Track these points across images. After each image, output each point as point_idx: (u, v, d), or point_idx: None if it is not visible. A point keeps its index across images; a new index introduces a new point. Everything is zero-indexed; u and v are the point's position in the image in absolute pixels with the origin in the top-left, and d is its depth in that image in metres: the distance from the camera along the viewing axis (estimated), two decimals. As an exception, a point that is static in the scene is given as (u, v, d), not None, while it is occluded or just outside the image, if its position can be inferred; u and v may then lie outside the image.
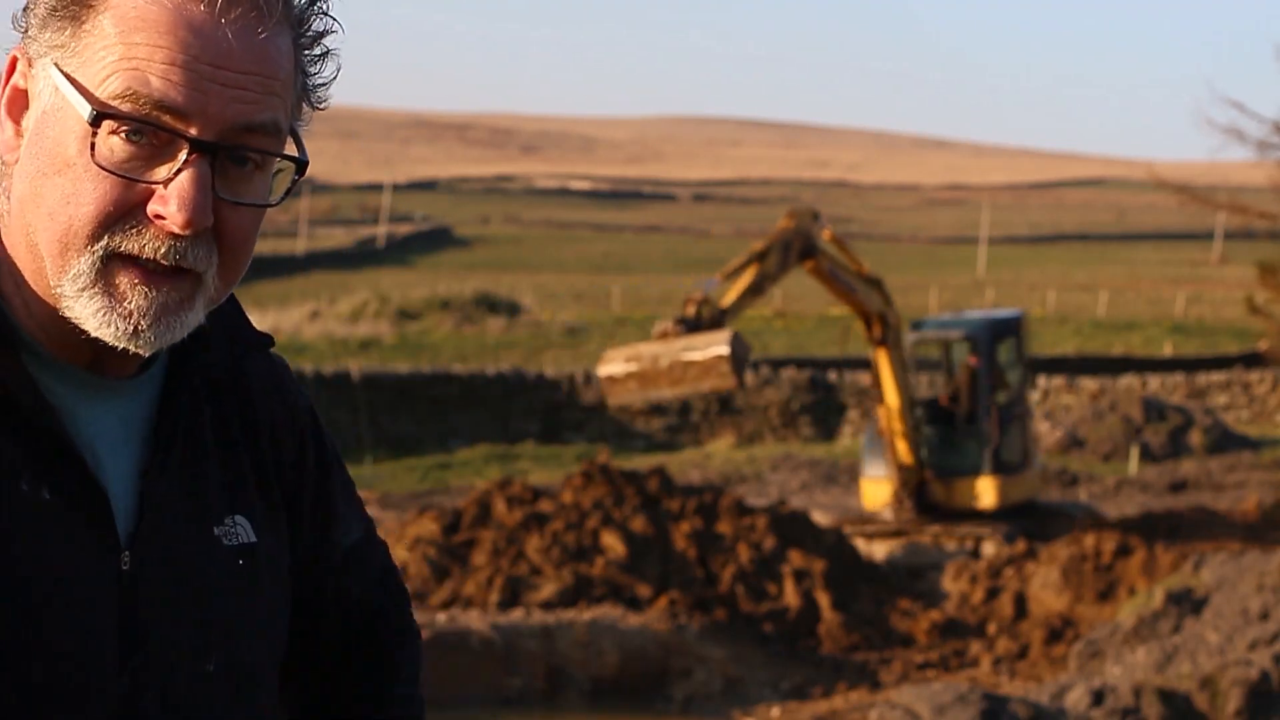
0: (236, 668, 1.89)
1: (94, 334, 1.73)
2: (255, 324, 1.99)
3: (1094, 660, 16.18)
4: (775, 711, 16.05)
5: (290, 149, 1.79)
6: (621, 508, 19.16)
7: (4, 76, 1.79)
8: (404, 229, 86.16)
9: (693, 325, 17.79)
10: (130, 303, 1.72)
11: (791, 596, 18.44)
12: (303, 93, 1.81)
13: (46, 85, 1.75)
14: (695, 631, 17.52)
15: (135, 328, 1.73)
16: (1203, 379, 35.31)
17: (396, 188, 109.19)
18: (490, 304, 46.20)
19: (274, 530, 1.96)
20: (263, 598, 1.93)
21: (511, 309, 46.22)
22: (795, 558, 18.82)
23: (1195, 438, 29.80)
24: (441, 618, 17.17)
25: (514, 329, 43.77)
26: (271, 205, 1.79)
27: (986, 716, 13.27)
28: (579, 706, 16.87)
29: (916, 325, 22.65)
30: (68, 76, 1.72)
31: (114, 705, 1.78)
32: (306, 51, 1.80)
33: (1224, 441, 29.99)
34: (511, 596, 18.06)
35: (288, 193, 1.80)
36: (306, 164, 1.80)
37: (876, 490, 21.21)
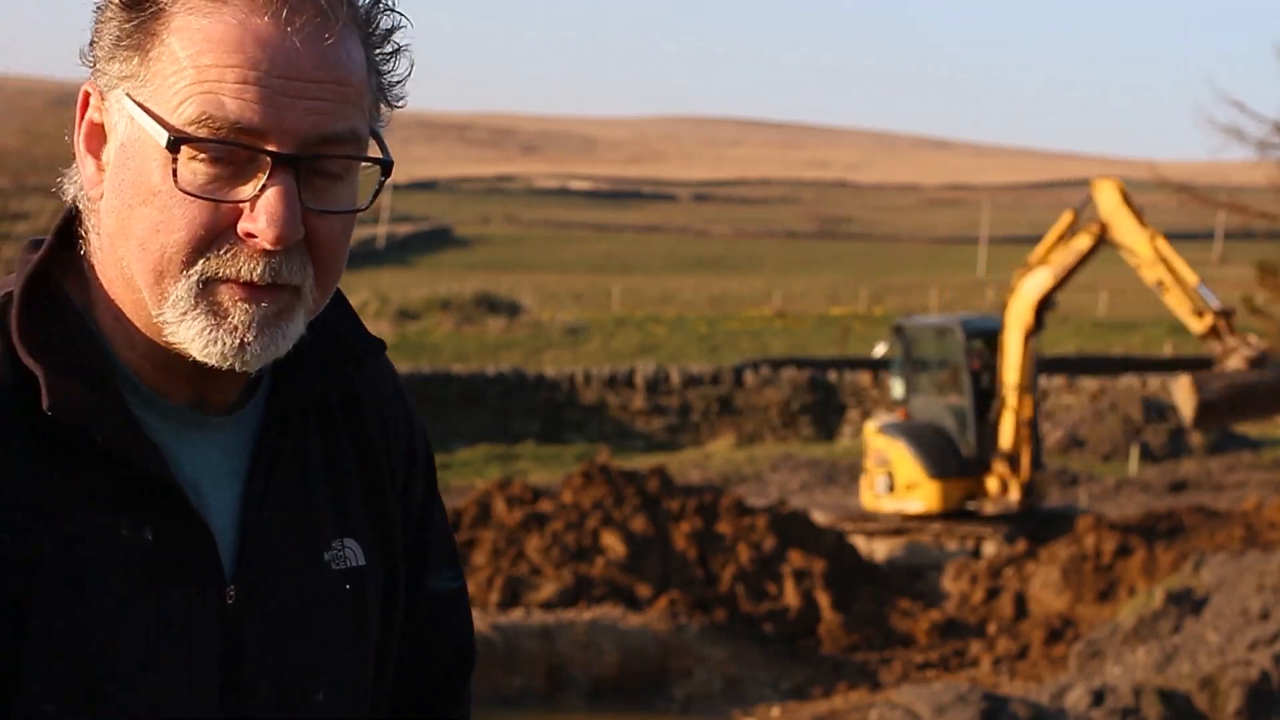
0: (344, 694, 1.87)
1: (199, 356, 1.71)
2: None
3: (1094, 660, 16.18)
4: (775, 711, 16.05)
5: (374, 151, 1.77)
6: (621, 508, 19.16)
7: (79, 113, 1.77)
8: (404, 229, 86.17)
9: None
10: (233, 319, 1.71)
11: (791, 596, 18.44)
12: (379, 93, 1.79)
13: (121, 117, 1.73)
14: (695, 631, 17.52)
15: (241, 342, 1.71)
16: (1203, 379, 35.28)
17: (396, 188, 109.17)
18: (490, 304, 46.21)
19: (382, 552, 1.93)
20: (370, 622, 1.91)
21: (511, 309, 46.23)
22: (795, 558, 18.82)
23: (1195, 438, 29.80)
24: (441, 618, 17.17)
25: (514, 329, 43.77)
26: (360, 210, 1.77)
27: (986, 716, 13.27)
28: (579, 706, 16.87)
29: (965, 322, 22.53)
30: (141, 106, 1.70)
31: None
32: (378, 51, 1.78)
33: (1224, 441, 29.99)
34: (511, 596, 18.06)
35: (375, 195, 1.78)
36: (391, 165, 1.79)
37: (936, 491, 20.84)
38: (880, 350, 23.07)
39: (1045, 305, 20.58)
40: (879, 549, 20.80)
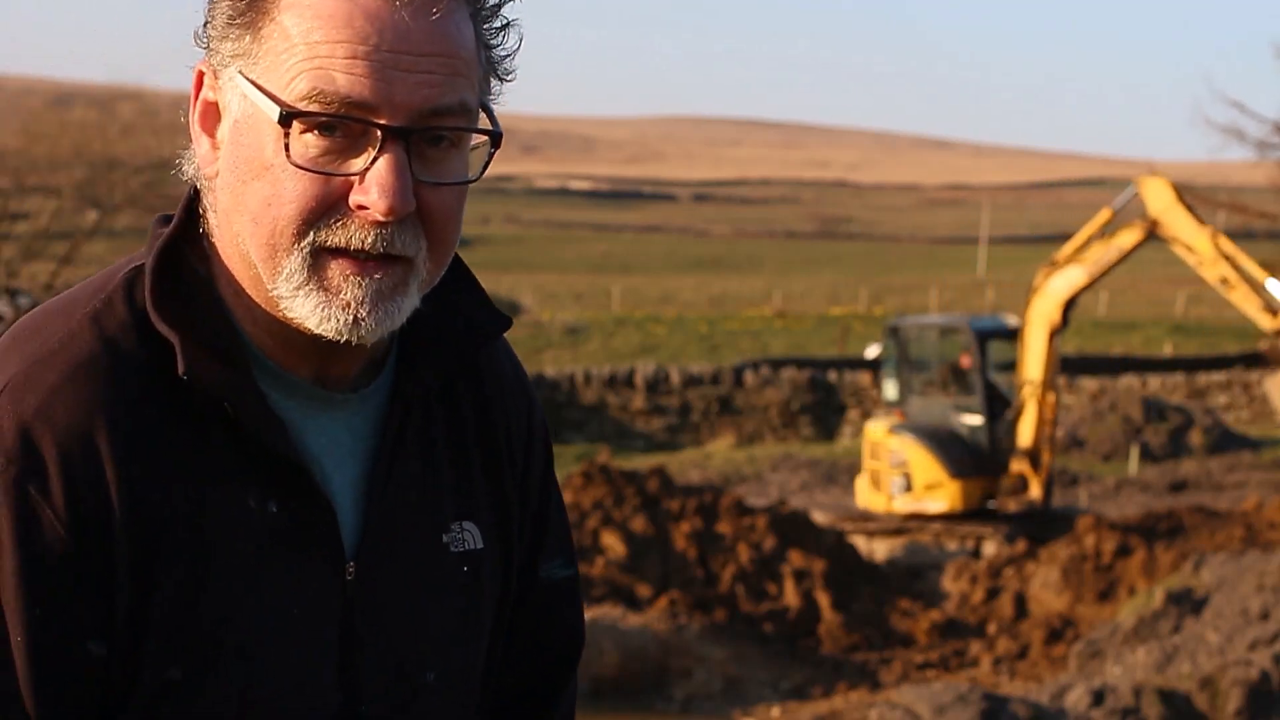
0: (455, 676, 1.89)
1: (315, 330, 1.73)
2: None
3: (1094, 660, 16.18)
4: (775, 711, 16.05)
5: (484, 124, 1.79)
6: (621, 508, 19.16)
7: (193, 92, 1.80)
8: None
9: None
10: (346, 293, 1.72)
11: (791, 596, 18.44)
12: (488, 66, 1.80)
13: (234, 94, 1.75)
14: (695, 631, 17.52)
15: (355, 317, 1.72)
16: (1203, 379, 35.32)
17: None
18: (490, 304, 46.22)
19: (500, 535, 1.95)
20: (486, 606, 1.93)
21: (511, 309, 46.24)
22: (795, 558, 18.82)
23: (1195, 438, 29.80)
24: (441, 618, 17.18)
25: (514, 329, 43.75)
26: (471, 182, 1.79)
27: (986, 716, 13.27)
28: (579, 706, 16.83)
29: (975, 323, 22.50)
30: (253, 82, 1.73)
31: (332, 713, 1.79)
32: (487, 25, 1.80)
33: (1224, 441, 29.99)
34: (511, 596, 18.07)
35: (485, 166, 1.80)
36: (501, 136, 1.80)
37: (959, 491, 20.80)
38: (874, 351, 22.95)
39: (1071, 304, 20.59)
40: (879, 549, 20.79)
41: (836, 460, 28.49)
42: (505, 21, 1.81)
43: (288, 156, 1.71)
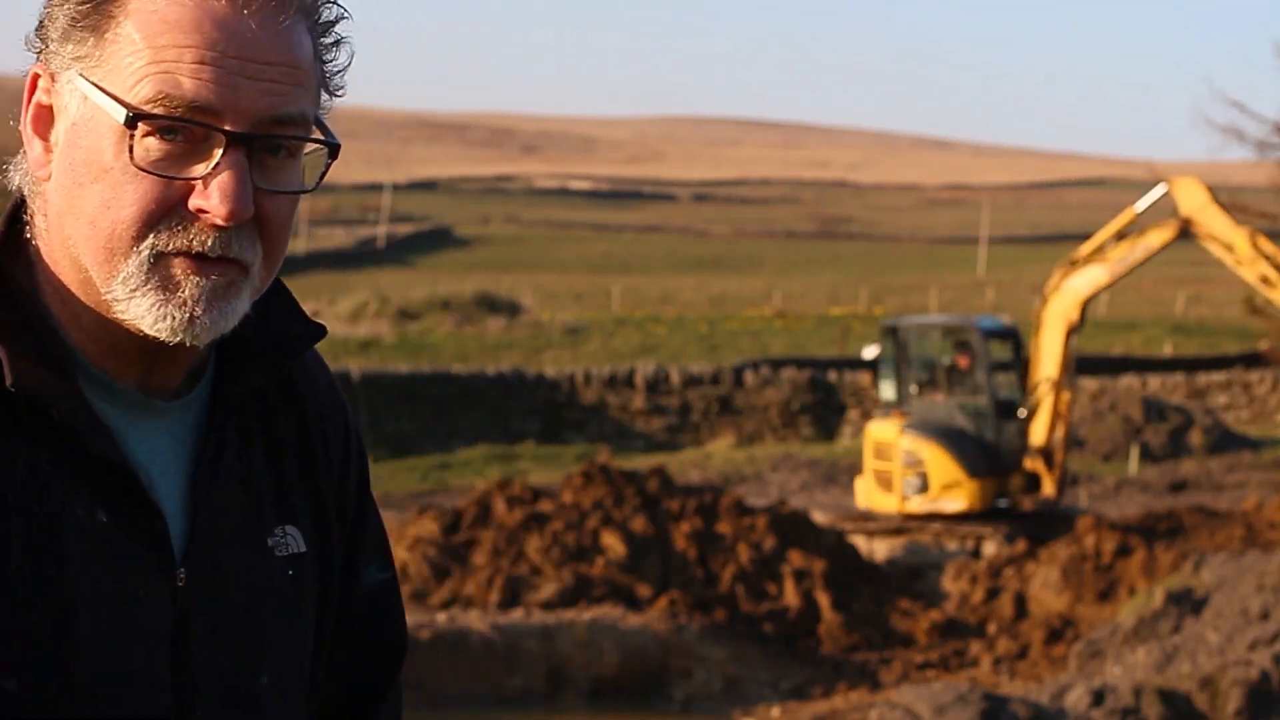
0: (287, 679, 1.90)
1: (150, 331, 1.74)
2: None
3: (1094, 660, 16.18)
4: (775, 711, 16.05)
5: (317, 135, 1.81)
6: (621, 508, 19.16)
7: (26, 95, 1.80)
8: (404, 229, 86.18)
9: None
10: (184, 291, 1.74)
11: (791, 596, 18.44)
12: (322, 80, 1.82)
13: (74, 97, 1.76)
14: (695, 631, 17.52)
15: (190, 315, 1.74)
16: (1203, 379, 35.31)
17: (396, 188, 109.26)
18: (490, 304, 46.20)
19: (319, 540, 1.96)
20: (309, 609, 1.94)
21: (511, 309, 46.22)
22: (795, 558, 18.82)
23: (1195, 438, 29.80)
24: (441, 618, 17.17)
25: (514, 329, 43.76)
26: (307, 191, 1.80)
27: (986, 716, 13.27)
28: (579, 706, 16.87)
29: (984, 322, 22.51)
30: (96, 85, 1.73)
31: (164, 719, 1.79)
32: (322, 39, 1.82)
33: (1224, 441, 29.99)
34: (511, 596, 18.06)
35: (321, 177, 1.81)
36: (339, 147, 1.81)
37: (977, 490, 20.78)
38: (871, 352, 22.86)
39: (1088, 303, 20.64)
40: (879, 549, 20.77)
41: (836, 460, 28.49)
42: (338, 38, 1.83)
43: (130, 158, 1.71)
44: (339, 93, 1.84)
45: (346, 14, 1.84)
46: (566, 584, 18.14)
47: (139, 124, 1.71)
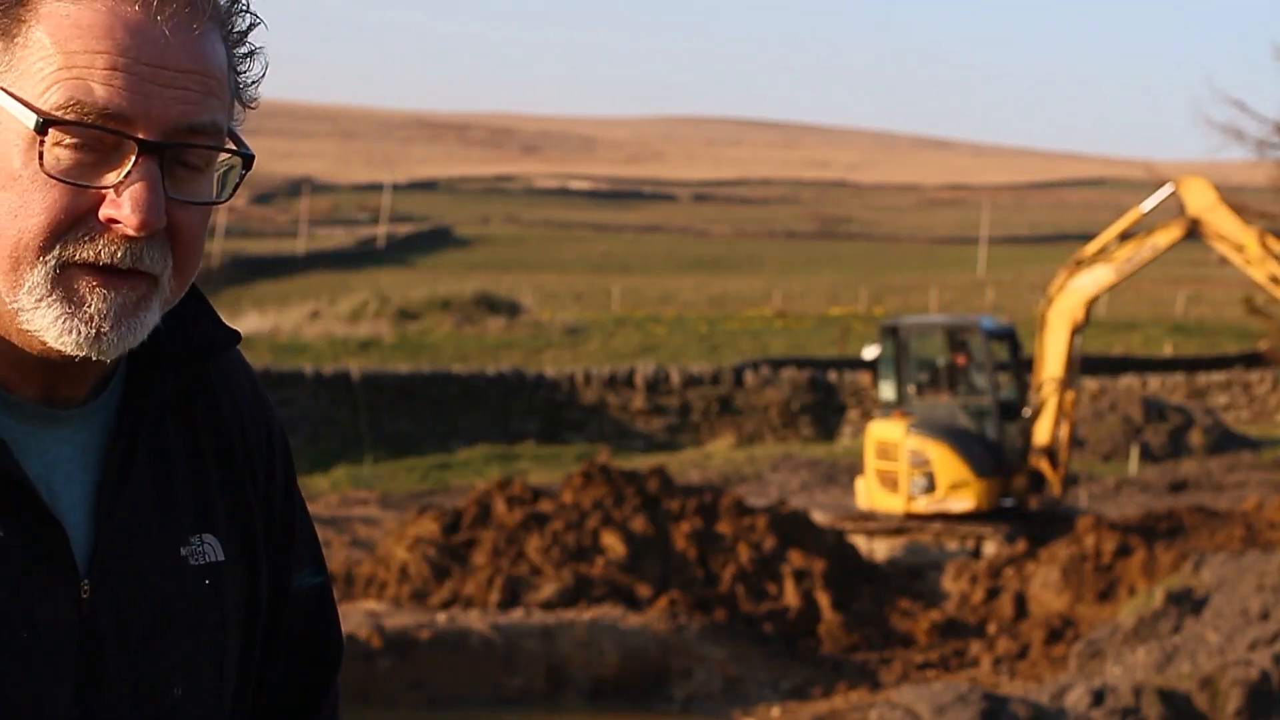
0: (205, 691, 1.87)
1: (54, 344, 1.71)
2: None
3: (1094, 660, 16.18)
4: (775, 711, 16.05)
5: (230, 146, 1.78)
6: (621, 508, 19.16)
7: None
8: (404, 229, 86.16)
9: None
10: (90, 306, 1.70)
11: (791, 596, 18.44)
12: (235, 91, 1.80)
13: None
14: (695, 631, 17.52)
15: (97, 331, 1.71)
16: (1203, 379, 35.31)
17: (396, 188, 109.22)
18: (490, 304, 46.19)
19: (243, 547, 1.93)
20: (230, 618, 1.90)
21: (511, 309, 46.22)
22: (795, 558, 18.82)
23: (1195, 438, 29.80)
24: (441, 618, 17.17)
25: (514, 329, 43.76)
26: (220, 203, 1.78)
27: (986, 716, 13.27)
28: (579, 706, 16.87)
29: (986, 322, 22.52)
30: (4, 90, 1.70)
31: None
32: (235, 49, 1.79)
33: (1224, 441, 29.99)
34: (511, 596, 18.06)
35: (235, 188, 1.79)
36: (253, 158, 1.79)
37: (984, 490, 20.76)
38: (871, 352, 22.81)
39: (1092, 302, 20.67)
40: (879, 549, 20.76)
41: (836, 460, 28.48)
42: (251, 49, 1.80)
43: (41, 166, 1.68)
44: (252, 104, 1.81)
45: (259, 22, 1.81)
46: (566, 584, 18.14)
47: (49, 130, 1.68)
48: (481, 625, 16.99)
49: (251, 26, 1.80)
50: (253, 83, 1.81)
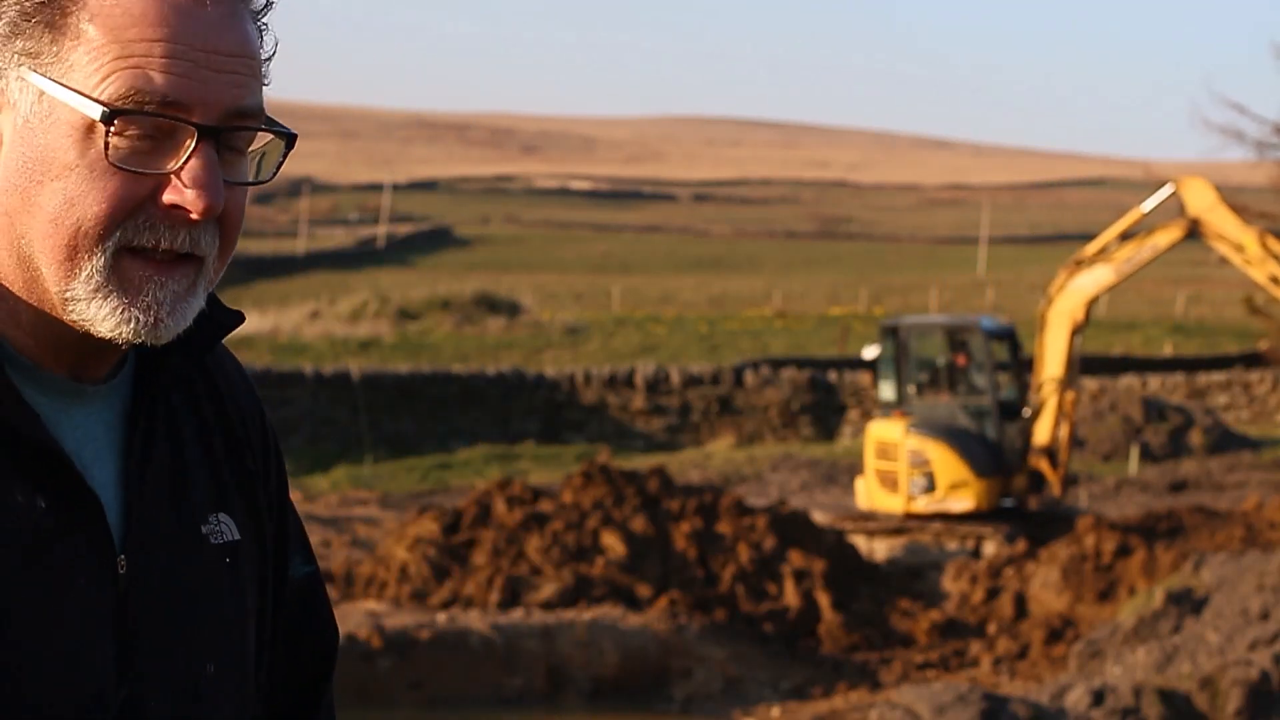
0: (232, 667, 1.88)
1: (108, 334, 1.72)
2: (248, 324, 1.98)
3: (1094, 660, 16.18)
4: (775, 711, 16.05)
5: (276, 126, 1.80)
6: (621, 508, 19.16)
7: None
8: (404, 229, 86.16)
9: None
10: (148, 295, 1.72)
11: (791, 596, 18.44)
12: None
13: (25, 94, 1.72)
14: (695, 631, 17.52)
15: (155, 319, 1.72)
16: (1203, 379, 35.32)
17: (396, 188, 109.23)
18: (490, 304, 46.20)
19: (254, 529, 1.95)
20: (249, 597, 1.92)
21: (511, 309, 46.22)
22: (795, 558, 18.82)
23: (1195, 438, 29.80)
24: (441, 618, 17.17)
25: (514, 329, 43.76)
26: (264, 182, 1.80)
27: (986, 716, 13.27)
28: (579, 706, 16.87)
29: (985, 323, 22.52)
30: (57, 81, 1.70)
31: (114, 711, 1.76)
32: (257, 26, 1.81)
33: (1224, 441, 29.99)
34: (511, 596, 18.05)
35: (278, 167, 1.81)
36: (295, 137, 1.81)
37: (985, 489, 20.75)
38: (871, 353, 22.80)
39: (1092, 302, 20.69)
40: (879, 549, 20.76)
41: (836, 460, 28.48)
42: (264, 25, 1.82)
43: (105, 154, 1.69)
44: (267, 81, 1.82)
45: (272, 1, 1.83)
46: (566, 584, 18.14)
47: (113, 120, 1.68)
48: (481, 625, 16.99)
49: (269, 4, 1.82)
50: (268, 59, 1.82)
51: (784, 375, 33.87)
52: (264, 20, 1.81)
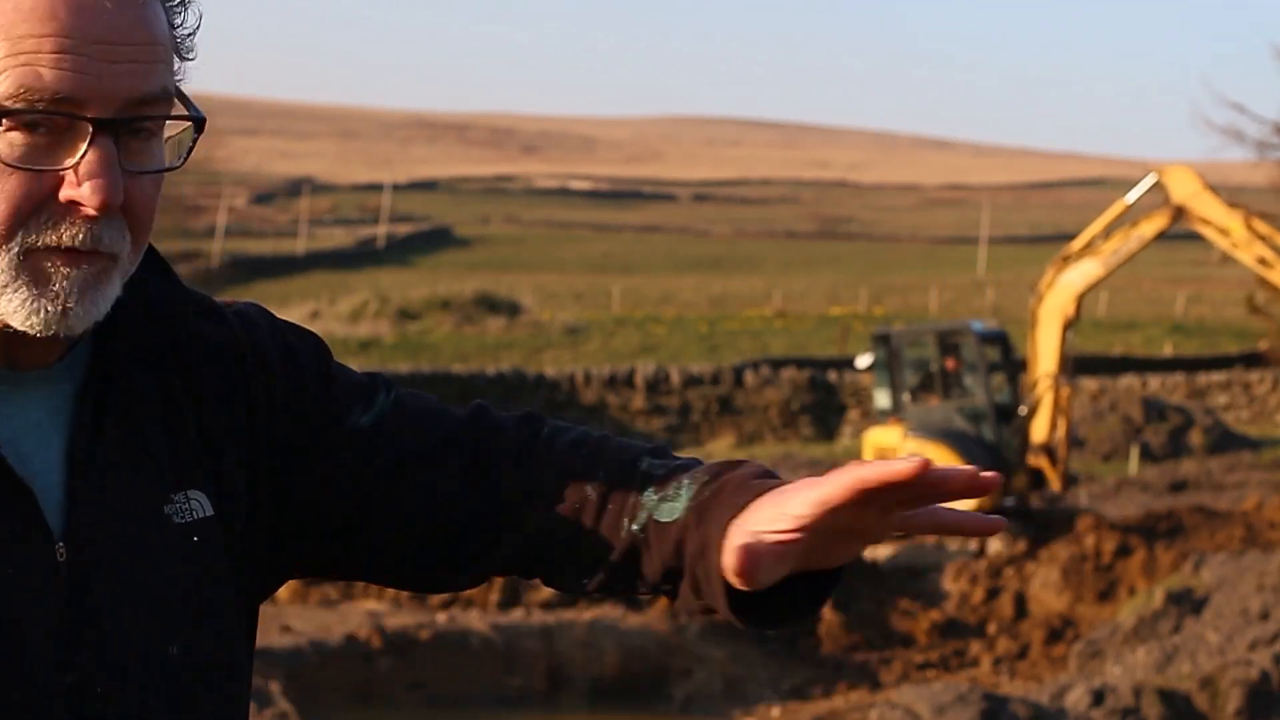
0: (205, 646, 1.85)
1: (22, 326, 1.71)
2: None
3: (1094, 660, 16.18)
4: (775, 711, 16.05)
5: (179, 109, 1.77)
6: (621, 508, 19.16)
7: None
8: (404, 229, 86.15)
9: None
10: (55, 285, 1.71)
11: (791, 596, 18.44)
12: (174, 47, 1.79)
13: None
14: (695, 631, 17.52)
15: (64, 308, 1.71)
16: (1203, 379, 35.33)
17: (396, 188, 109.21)
18: (490, 304, 46.20)
19: (242, 496, 1.91)
20: (226, 574, 1.88)
21: (511, 309, 46.22)
22: (795, 558, 18.82)
23: (1195, 438, 29.81)
24: (441, 618, 17.17)
25: (514, 329, 43.76)
26: (174, 168, 1.78)
27: (986, 716, 13.27)
28: (579, 706, 16.86)
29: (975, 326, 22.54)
30: None
31: (63, 697, 1.75)
32: (169, 3, 1.78)
33: (1224, 441, 30.00)
34: (511, 596, 18.05)
35: (189, 151, 1.79)
36: (204, 120, 1.78)
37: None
38: (865, 361, 22.81)
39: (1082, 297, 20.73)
40: (881, 550, 20.76)
41: (836, 460, 28.48)
42: (183, 1, 1.79)
43: None
44: (189, 55, 1.80)
45: None
46: (566, 584, 18.15)
47: (2, 120, 1.67)
48: (481, 625, 16.98)
49: None
50: (189, 34, 1.80)
51: (784, 375, 33.88)
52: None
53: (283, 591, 18.15)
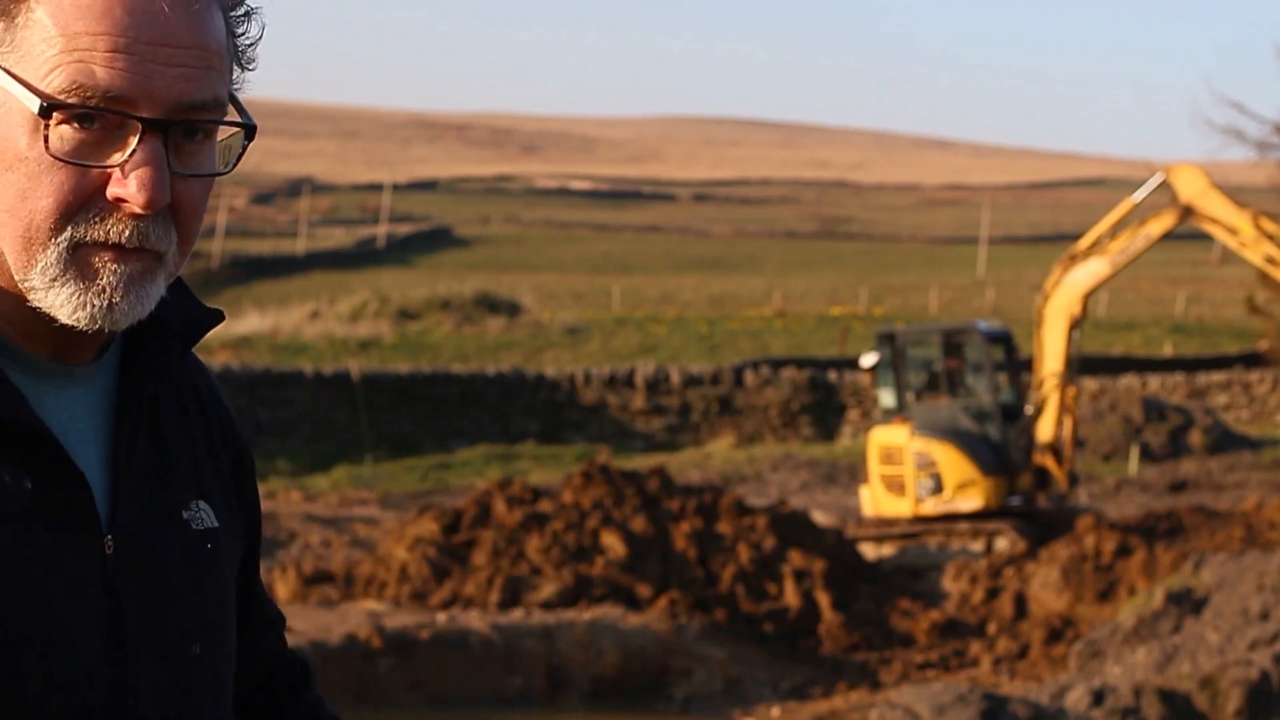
0: (217, 649, 1.91)
1: (68, 320, 1.74)
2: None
3: (1094, 660, 16.18)
4: (775, 711, 16.04)
5: (232, 115, 1.80)
6: (621, 508, 19.15)
7: None
8: (404, 229, 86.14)
9: None
10: (102, 279, 1.73)
11: (791, 596, 18.44)
12: (234, 55, 1.81)
13: None
14: (695, 631, 17.52)
15: (109, 303, 1.73)
16: (1203, 379, 35.32)
17: (396, 188, 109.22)
18: (490, 304, 46.20)
19: (230, 519, 1.98)
20: (228, 583, 1.95)
21: (511, 309, 46.22)
22: (795, 558, 18.82)
23: (1195, 438, 29.80)
24: (441, 618, 17.17)
25: (514, 329, 43.76)
26: (223, 173, 1.80)
27: (986, 716, 13.27)
28: (579, 706, 16.86)
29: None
30: (8, 72, 1.71)
31: (104, 690, 1.78)
32: (233, 13, 1.81)
33: (1224, 441, 30.00)
34: (511, 596, 18.05)
35: (239, 158, 1.81)
36: (255, 128, 1.81)
37: (992, 488, 20.74)
38: (869, 360, 22.80)
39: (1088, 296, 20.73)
40: (887, 551, 20.75)
41: (836, 460, 28.49)
42: (248, 10, 1.82)
43: (46, 148, 1.70)
44: (250, 65, 1.83)
45: None
46: (566, 584, 18.14)
47: (53, 113, 1.69)
48: (481, 625, 16.98)
49: None
50: (251, 44, 1.83)
51: (784, 375, 33.88)
52: (245, 4, 1.81)
53: (283, 592, 18.16)
